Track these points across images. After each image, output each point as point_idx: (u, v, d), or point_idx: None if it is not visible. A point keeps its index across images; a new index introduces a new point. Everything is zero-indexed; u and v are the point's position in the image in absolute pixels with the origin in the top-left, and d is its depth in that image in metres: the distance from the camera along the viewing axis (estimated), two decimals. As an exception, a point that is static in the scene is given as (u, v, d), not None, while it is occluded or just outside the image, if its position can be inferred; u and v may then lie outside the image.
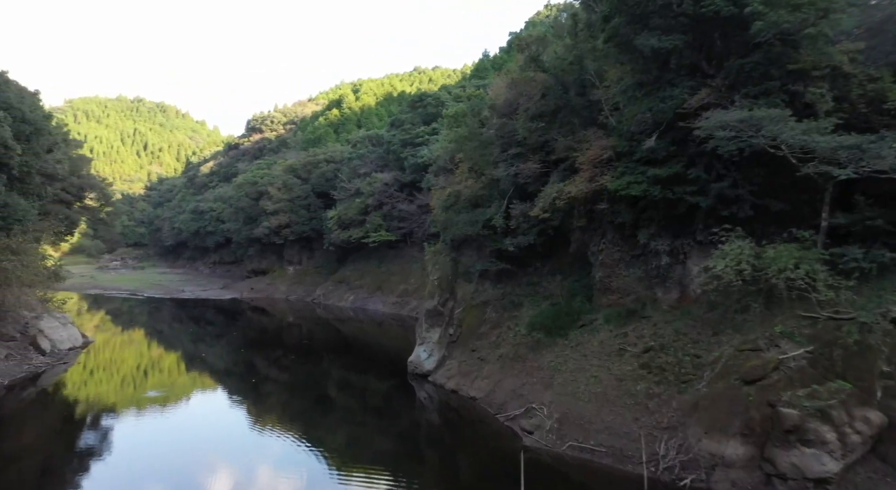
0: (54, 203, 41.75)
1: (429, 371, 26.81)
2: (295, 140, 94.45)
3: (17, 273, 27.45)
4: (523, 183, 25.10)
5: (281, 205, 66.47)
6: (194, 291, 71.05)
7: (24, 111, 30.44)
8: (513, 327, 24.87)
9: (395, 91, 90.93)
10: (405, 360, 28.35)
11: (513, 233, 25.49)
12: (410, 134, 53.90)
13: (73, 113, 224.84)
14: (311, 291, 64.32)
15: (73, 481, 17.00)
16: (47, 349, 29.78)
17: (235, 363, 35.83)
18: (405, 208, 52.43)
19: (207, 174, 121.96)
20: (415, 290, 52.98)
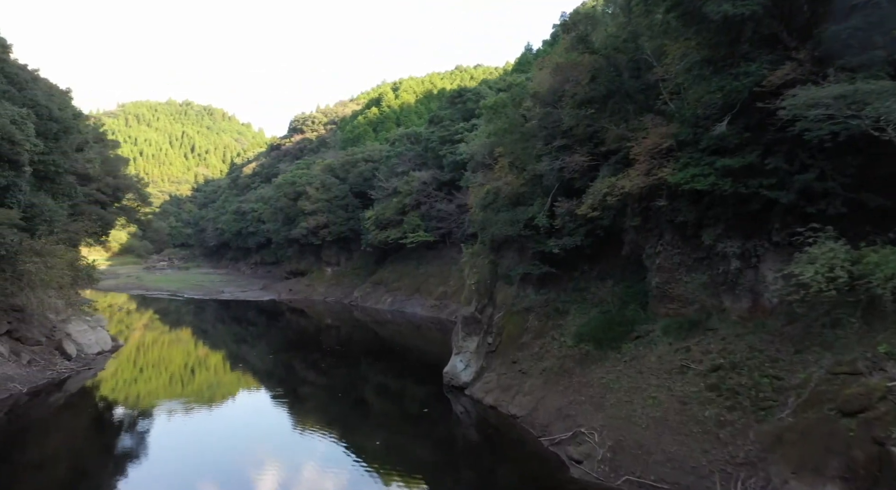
0: (89, 203, 41.41)
1: (465, 383, 24.71)
2: (334, 140, 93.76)
3: (40, 275, 26.56)
4: (569, 178, 22.74)
5: (319, 205, 65.46)
6: (233, 292, 70.75)
7: (52, 109, 29.70)
8: (558, 337, 22.54)
9: (435, 89, 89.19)
10: (442, 362, 26.77)
11: (558, 233, 23.17)
12: (449, 131, 51.90)
13: (125, 116, 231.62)
14: (349, 293, 63.04)
15: None
16: (73, 354, 28.90)
17: (274, 365, 35.33)
18: (443, 208, 50.47)
19: (250, 175, 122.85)
20: (454, 292, 50.98)
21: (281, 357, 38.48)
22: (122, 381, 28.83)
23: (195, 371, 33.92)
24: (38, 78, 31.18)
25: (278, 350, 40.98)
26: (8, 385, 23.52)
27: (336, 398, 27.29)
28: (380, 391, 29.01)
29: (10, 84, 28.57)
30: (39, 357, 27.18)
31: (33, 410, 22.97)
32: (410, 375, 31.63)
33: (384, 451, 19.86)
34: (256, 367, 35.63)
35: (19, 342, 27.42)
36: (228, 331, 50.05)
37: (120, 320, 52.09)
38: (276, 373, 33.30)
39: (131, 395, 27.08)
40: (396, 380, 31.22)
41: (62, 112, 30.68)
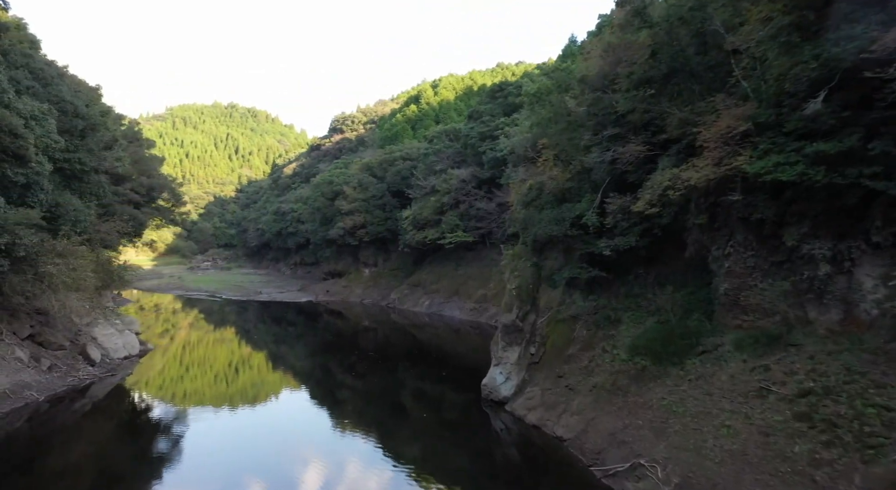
0: (122, 203, 40.80)
1: (506, 398, 22.49)
2: (372, 139, 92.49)
3: (62, 278, 25.52)
4: (622, 171, 20.33)
5: (356, 205, 64.08)
6: (271, 293, 70.05)
7: (78, 105, 28.77)
8: (609, 350, 20.12)
9: (476, 85, 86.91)
10: (483, 373, 24.79)
11: (609, 233, 20.78)
12: (489, 126, 49.63)
13: (173, 119, 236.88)
14: (386, 295, 61.43)
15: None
16: (97, 359, 27.85)
17: (311, 367, 34.90)
18: (483, 207, 48.27)
19: (290, 175, 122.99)
20: (494, 295, 48.70)
21: (318, 359, 38.09)
22: (144, 389, 27.59)
23: (227, 376, 32.64)
24: (64, 74, 30.39)
25: (315, 352, 40.48)
26: (24, 393, 22.44)
27: (373, 402, 26.40)
28: (417, 398, 27.61)
29: (35, 80, 27.74)
30: (61, 362, 26.17)
31: (47, 420, 21.79)
32: (448, 382, 29.83)
33: (422, 460, 19.04)
34: (294, 370, 35.02)
35: (42, 347, 26.50)
36: (265, 333, 48.98)
37: (159, 321, 51.72)
38: (314, 375, 32.82)
39: (153, 404, 25.76)
40: (434, 386, 29.59)
41: (89, 109, 29.74)
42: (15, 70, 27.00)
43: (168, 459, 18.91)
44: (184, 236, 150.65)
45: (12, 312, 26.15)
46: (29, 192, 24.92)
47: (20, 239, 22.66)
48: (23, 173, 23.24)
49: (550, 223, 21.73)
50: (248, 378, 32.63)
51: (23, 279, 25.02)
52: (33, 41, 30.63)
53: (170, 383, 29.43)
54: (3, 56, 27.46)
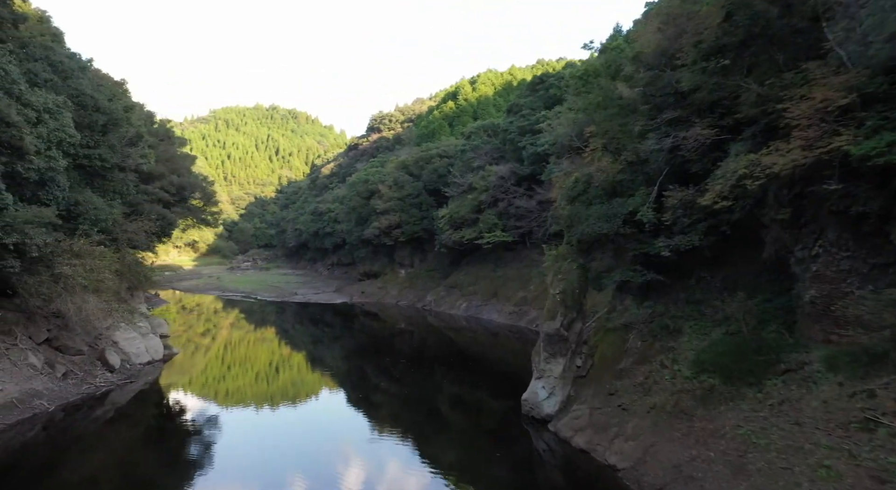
0: (151, 202, 39.87)
1: (549, 416, 20.11)
2: (409, 137, 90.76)
3: (78, 279, 24.28)
4: (683, 160, 17.78)
5: (391, 204, 62.34)
6: (306, 295, 68.93)
7: (99, 100, 27.58)
8: (669, 364, 17.56)
9: (515, 81, 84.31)
10: (522, 378, 23.91)
11: (667, 230, 18.24)
12: (529, 120, 47.14)
13: (216, 121, 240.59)
14: (422, 297, 59.46)
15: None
16: (116, 365, 26.57)
17: (347, 370, 34.21)
18: (523, 205, 45.79)
19: (328, 175, 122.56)
20: (534, 298, 46.22)
21: (353, 361, 36.89)
22: (164, 396, 26.11)
23: (257, 382, 31.12)
24: (86, 68, 29.31)
25: (350, 354, 39.44)
26: (33, 402, 21.14)
27: (409, 407, 25.43)
28: (454, 404, 26.20)
29: (55, 73, 26.66)
30: (78, 369, 24.92)
31: (55, 432, 20.38)
32: (486, 389, 28.22)
33: (459, 468, 18.27)
34: (329, 373, 34.10)
35: (59, 352, 25.34)
36: (299, 335, 47.60)
37: (200, 321, 50.96)
38: (350, 378, 32.05)
39: (173, 412, 24.29)
40: (471, 392, 27.96)
41: (111, 103, 28.56)
42: (33, 62, 25.95)
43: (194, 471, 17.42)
44: (225, 237, 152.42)
45: (29, 316, 25.07)
46: (43, 190, 23.72)
47: (31, 238, 21.40)
48: (34, 169, 21.98)
49: (599, 220, 19.26)
50: (281, 382, 31.09)
51: (38, 281, 23.89)
52: (56, 34, 29.71)
53: (193, 390, 27.95)
54: (22, 48, 26.48)
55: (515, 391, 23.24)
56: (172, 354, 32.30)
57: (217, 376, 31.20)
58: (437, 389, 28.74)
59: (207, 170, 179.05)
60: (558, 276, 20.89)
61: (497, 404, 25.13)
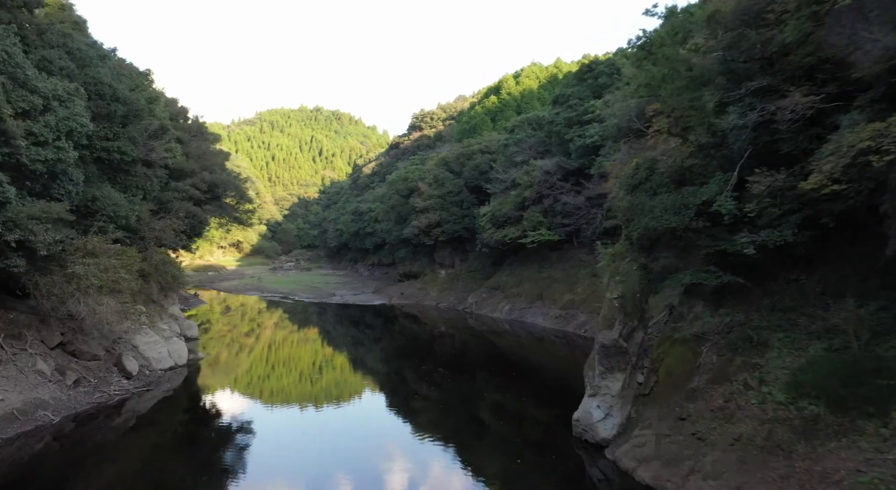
0: (182, 199, 38.51)
1: (605, 440, 17.26)
2: (450, 134, 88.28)
3: (91, 279, 22.64)
4: (772, 139, 14.71)
5: (431, 202, 59.99)
6: (344, 296, 67.24)
7: (118, 89, 26.00)
8: (755, 386, 14.50)
9: (561, 73, 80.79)
10: (571, 388, 22.86)
11: (751, 224, 15.20)
12: (577, 111, 44.03)
13: (261, 123, 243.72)
14: (463, 298, 56.86)
15: None
16: (134, 371, 24.88)
17: (386, 374, 33.29)
18: (570, 201, 42.74)
19: (369, 175, 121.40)
20: (582, 301, 43.12)
21: (392, 364, 35.76)
22: (179, 408, 24.17)
23: (289, 390, 29.11)
24: (107, 56, 27.83)
25: (389, 357, 38.01)
26: (37, 414, 19.47)
27: (450, 413, 24.24)
28: (496, 412, 24.62)
29: (73, 60, 25.20)
30: (92, 375, 23.29)
31: (54, 449, 18.64)
32: (531, 397, 26.03)
33: (503, 479, 17.39)
34: (368, 376, 33.01)
35: (73, 357, 23.79)
36: (334, 337, 45.69)
37: (236, 322, 49.73)
38: (389, 382, 31.11)
39: (189, 426, 22.34)
40: (515, 401, 25.89)
41: (132, 93, 26.99)
42: (49, 49, 24.50)
43: None
44: (268, 237, 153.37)
45: (42, 318, 23.59)
46: (55, 183, 22.13)
47: (35, 235, 19.77)
48: (41, 160, 20.36)
49: (666, 212, 16.32)
50: (315, 387, 29.04)
51: (49, 281, 22.35)
52: (77, 23, 28.39)
53: (214, 398, 26.03)
54: (39, 35, 25.10)
55: (562, 400, 22.29)
56: (198, 359, 30.59)
57: (243, 382, 29.27)
58: (479, 396, 27.06)
59: (252, 171, 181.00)
60: (615, 278, 18.00)
61: (543, 414, 23.43)
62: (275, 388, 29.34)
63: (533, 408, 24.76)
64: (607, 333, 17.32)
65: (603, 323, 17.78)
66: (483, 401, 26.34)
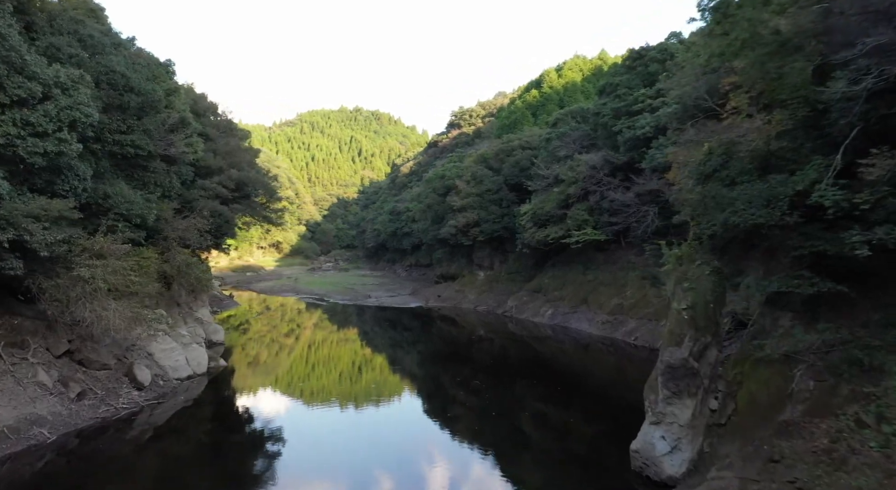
0: (208, 198, 36.92)
1: (672, 479, 14.36)
2: (489, 130, 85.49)
3: (97, 282, 20.88)
4: (891, 111, 11.65)
5: (469, 200, 57.39)
6: (380, 298, 65.23)
7: (131, 79, 24.28)
8: (872, 422, 11.46)
9: (606, 65, 77.05)
10: (621, 400, 23.18)
11: (863, 218, 12.16)
12: (626, 101, 40.82)
13: (301, 125, 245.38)
14: (503, 302, 54.07)
15: None
16: (146, 381, 23.06)
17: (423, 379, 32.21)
18: (619, 198, 39.55)
19: (407, 174, 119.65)
20: (631, 306, 39.95)
21: (430, 369, 34.42)
22: (190, 427, 21.97)
23: (317, 400, 26.96)
24: (122, 44, 26.18)
25: (425, 361, 36.47)
26: (31, 431, 17.66)
27: (489, 422, 22.63)
28: (538, 422, 23.10)
29: (84, 48, 23.59)
30: (99, 387, 21.52)
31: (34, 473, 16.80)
32: (576, 409, 24.29)
33: None
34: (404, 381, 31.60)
35: (81, 366, 22.07)
36: (369, 339, 43.59)
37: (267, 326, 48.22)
38: (426, 387, 29.85)
39: (202, 450, 20.24)
40: (559, 411, 24.08)
41: (147, 84, 25.26)
42: (58, 36, 22.93)
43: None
44: (307, 237, 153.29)
45: (49, 324, 21.95)
46: (59, 179, 20.44)
47: (31, 234, 18.03)
48: (39, 153, 18.63)
49: (751, 205, 13.36)
50: (348, 392, 26.77)
51: (53, 285, 20.68)
52: (94, 10, 26.87)
53: (229, 416, 23.91)
54: (50, 21, 23.57)
55: (611, 413, 21.69)
56: (220, 367, 28.69)
57: (266, 395, 27.10)
58: (520, 405, 25.22)
59: (292, 171, 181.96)
60: (684, 284, 15.09)
61: (589, 428, 21.77)
62: (303, 397, 27.15)
63: (579, 420, 22.82)
64: (675, 351, 14.45)
65: (669, 338, 14.90)
66: (524, 410, 24.58)
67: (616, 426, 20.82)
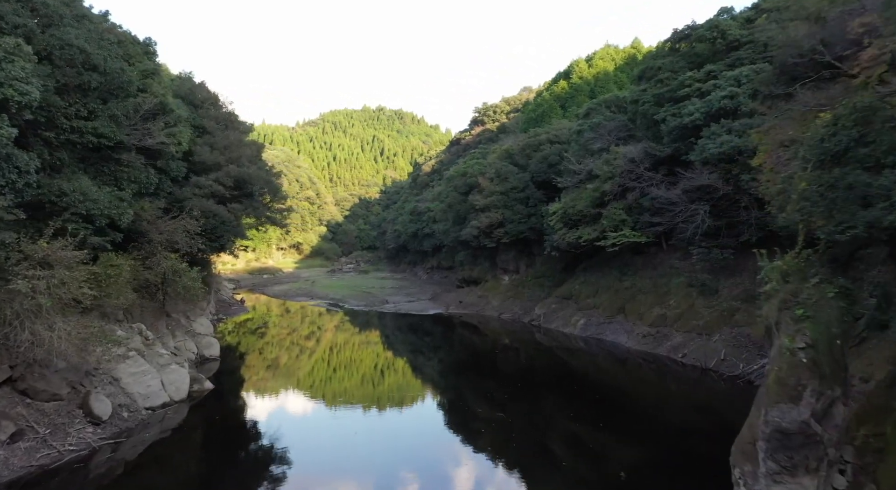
0: (204, 196, 33.25)
1: None
2: (514, 125, 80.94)
3: (39, 299, 17.13)
4: None
5: (493, 199, 53.01)
6: (398, 303, 61.23)
7: (92, 54, 20.53)
8: None
9: (640, 54, 71.90)
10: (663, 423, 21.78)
11: None
12: (669, 85, 36.12)
13: (323, 124, 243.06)
14: (529, 309, 49.59)
15: None
16: (105, 414, 19.25)
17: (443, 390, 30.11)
18: (662, 195, 34.89)
19: (428, 173, 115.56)
20: (677, 317, 35.28)
21: (451, 380, 32.03)
22: (154, 476, 17.92)
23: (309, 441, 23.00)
24: (86, 16, 22.43)
25: (446, 371, 34.22)
26: (-71, 490, 13.94)
27: (516, 438, 21.08)
28: (570, 444, 21.09)
29: (38, 17, 19.95)
30: (43, 424, 17.74)
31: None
32: (613, 430, 21.74)
33: None
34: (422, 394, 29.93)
35: (25, 397, 18.34)
36: (377, 356, 39.60)
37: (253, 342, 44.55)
38: (446, 400, 27.85)
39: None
40: (593, 433, 21.78)
41: (114, 62, 21.50)
42: (2, 3, 19.28)
43: None
44: (328, 238, 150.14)
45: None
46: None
47: (-61, 240, 14.31)
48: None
49: None
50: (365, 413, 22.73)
51: (-15, 300, 17.00)
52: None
53: (214, 463, 19.89)
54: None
55: (654, 437, 20.29)
56: (204, 391, 24.77)
57: (255, 432, 22.99)
58: (548, 423, 23.44)
59: (313, 171, 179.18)
60: (795, 311, 10.64)
61: (630, 453, 19.34)
62: (302, 429, 23.09)
63: (617, 444, 20.29)
64: (789, 410, 10.01)
65: (777, 390, 10.44)
66: (553, 428, 22.77)
67: (662, 453, 18.94)
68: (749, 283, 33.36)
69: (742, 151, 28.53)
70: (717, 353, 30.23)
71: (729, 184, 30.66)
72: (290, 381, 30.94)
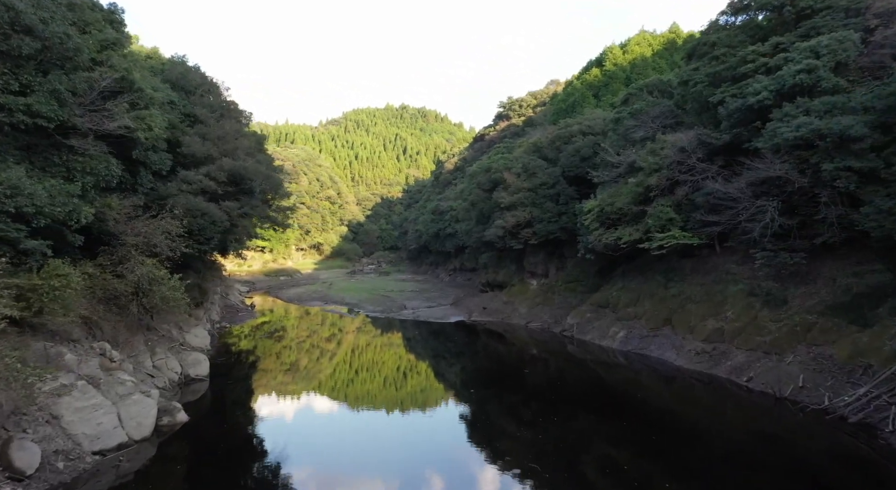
0: (192, 193, 29.22)
1: None
2: (542, 118, 75.99)
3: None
4: None
5: (520, 196, 48.33)
6: (417, 309, 56.84)
7: (22, 13, 16.46)
8: None
9: (680, 39, 66.38)
10: (725, 458, 18.72)
11: None
12: (727, 62, 31.09)
13: (346, 123, 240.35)
14: (560, 318, 44.77)
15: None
16: (30, 466, 15.11)
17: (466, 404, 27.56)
18: (720, 189, 29.89)
19: (451, 170, 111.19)
20: (737, 332, 30.26)
21: (473, 393, 29.03)
22: None
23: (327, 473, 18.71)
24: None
25: (467, 382, 31.46)
26: None
27: (547, 460, 18.94)
28: (608, 469, 18.43)
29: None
30: (-62, 482, 13.70)
31: None
32: (658, 460, 18.82)
33: None
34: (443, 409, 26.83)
35: (-76, 444, 14.33)
36: (389, 376, 35.28)
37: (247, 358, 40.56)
38: (468, 416, 25.29)
39: None
40: (636, 459, 18.96)
41: (57, 27, 17.41)
42: None
43: None
44: (349, 238, 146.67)
45: None
46: None
47: None
48: None
49: None
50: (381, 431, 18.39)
51: None
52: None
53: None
54: None
55: (710, 470, 17.98)
56: (176, 425, 20.58)
57: (234, 482, 18.78)
58: (583, 444, 21.06)
59: (335, 170, 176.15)
60: None
61: (679, 485, 16.68)
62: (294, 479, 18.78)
63: (662, 474, 17.45)
64: None
65: None
66: (589, 452, 20.40)
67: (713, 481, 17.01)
68: (826, 292, 28.22)
69: (824, 135, 23.51)
70: (793, 378, 25.19)
71: (805, 175, 25.61)
72: (283, 410, 26.55)
